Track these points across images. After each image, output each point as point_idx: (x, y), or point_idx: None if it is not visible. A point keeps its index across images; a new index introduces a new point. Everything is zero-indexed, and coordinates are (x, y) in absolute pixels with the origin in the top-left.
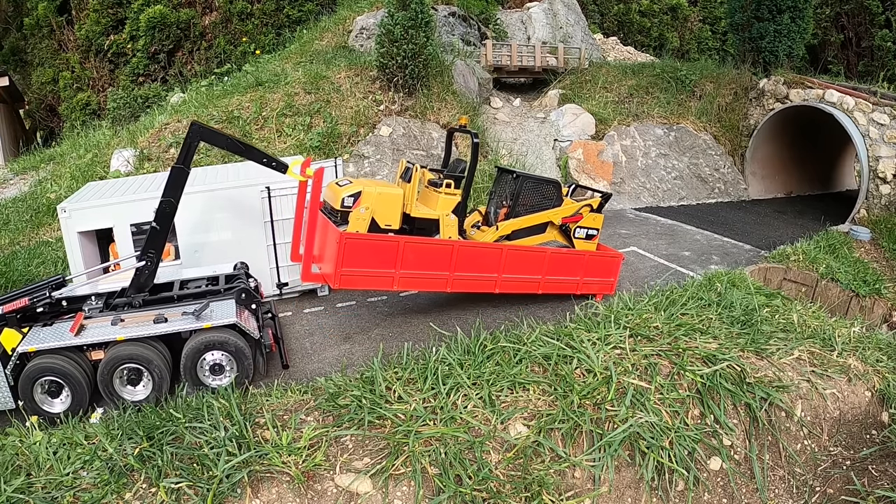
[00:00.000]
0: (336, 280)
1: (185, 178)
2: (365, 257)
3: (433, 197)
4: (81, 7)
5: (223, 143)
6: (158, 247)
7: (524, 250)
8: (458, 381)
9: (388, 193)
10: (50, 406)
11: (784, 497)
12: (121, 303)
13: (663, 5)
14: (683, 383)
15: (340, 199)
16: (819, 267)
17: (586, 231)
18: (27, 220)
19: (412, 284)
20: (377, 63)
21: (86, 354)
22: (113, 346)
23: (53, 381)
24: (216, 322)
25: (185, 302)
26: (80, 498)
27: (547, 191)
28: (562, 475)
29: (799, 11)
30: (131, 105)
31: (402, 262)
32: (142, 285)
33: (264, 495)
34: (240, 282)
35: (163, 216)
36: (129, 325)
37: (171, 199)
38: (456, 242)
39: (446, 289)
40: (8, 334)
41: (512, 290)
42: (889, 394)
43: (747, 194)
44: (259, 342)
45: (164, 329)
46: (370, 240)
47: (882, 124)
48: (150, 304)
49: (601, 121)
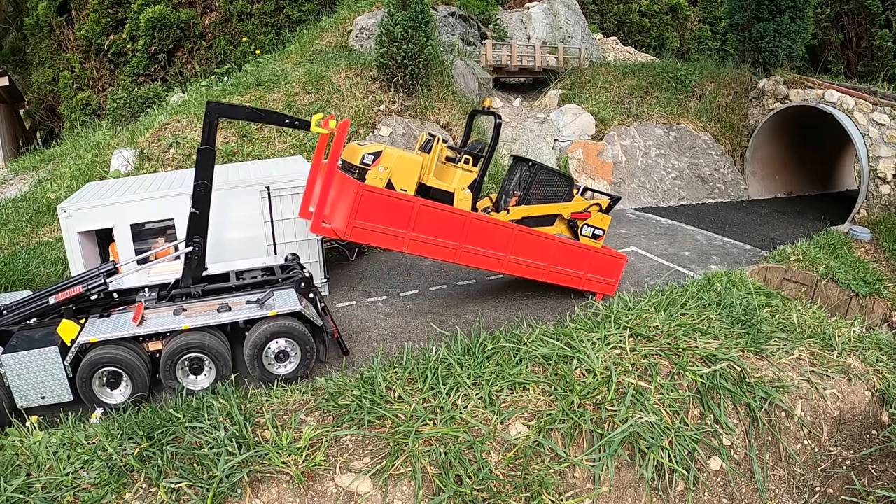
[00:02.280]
0: (347, 231)
1: (213, 158)
2: (379, 213)
3: (450, 172)
4: (81, 7)
5: (242, 115)
6: (202, 231)
7: (534, 234)
8: (458, 381)
9: (408, 157)
10: (109, 397)
11: (784, 497)
12: (178, 293)
13: (663, 5)
14: (683, 383)
15: (360, 156)
16: (819, 267)
17: (593, 230)
18: (27, 220)
19: (421, 249)
20: (377, 63)
21: (142, 345)
22: (175, 336)
23: (113, 371)
24: (281, 310)
25: (243, 292)
26: (80, 498)
27: (559, 184)
28: (562, 475)
29: (799, 11)
30: (131, 105)
31: (415, 225)
32: (194, 272)
33: (264, 495)
34: (296, 272)
35: (199, 199)
36: (192, 314)
37: (205, 180)
38: (469, 214)
39: (454, 259)
40: (66, 326)
41: (517, 272)
42: (889, 394)
43: (747, 194)
44: (321, 329)
45: (230, 318)
46: (386, 195)
47: (882, 124)
48: (209, 294)
49: (601, 121)
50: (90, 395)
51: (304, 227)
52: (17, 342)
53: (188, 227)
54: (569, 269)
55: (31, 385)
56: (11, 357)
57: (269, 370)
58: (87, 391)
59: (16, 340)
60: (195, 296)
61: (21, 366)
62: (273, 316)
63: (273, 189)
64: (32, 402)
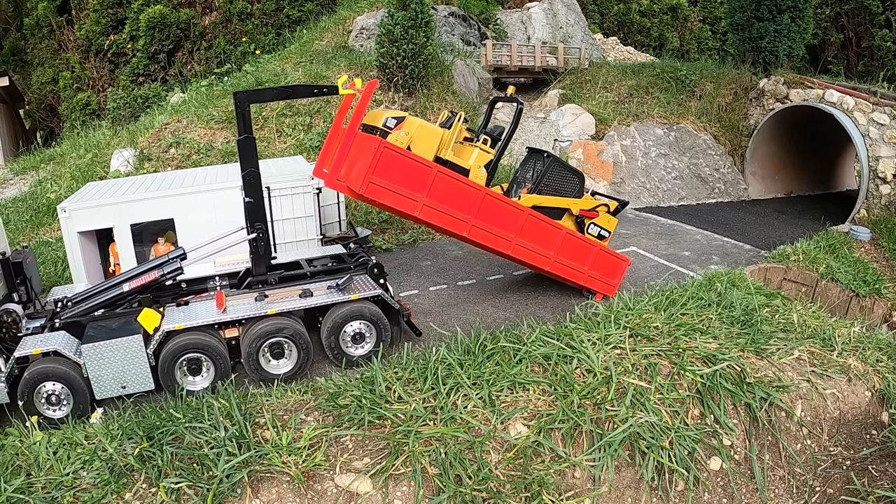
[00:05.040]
0: (363, 186)
1: (254, 145)
2: (396, 173)
3: (467, 150)
4: (81, 7)
5: (270, 96)
6: (261, 217)
7: (543, 221)
8: (458, 381)
9: (430, 127)
10: (192, 385)
11: (784, 497)
12: (254, 281)
13: (663, 5)
14: (683, 383)
15: (384, 119)
16: (819, 267)
17: (599, 230)
18: (27, 220)
19: (433, 217)
20: (377, 63)
21: (219, 333)
22: (257, 322)
23: (195, 358)
24: (363, 294)
25: (318, 278)
26: (80, 498)
27: (571, 180)
28: (562, 475)
29: (799, 11)
30: (131, 105)
31: (430, 191)
32: (264, 258)
33: (264, 495)
34: (365, 258)
35: (251, 186)
36: (274, 300)
37: (252, 168)
38: (484, 189)
39: (463, 232)
40: (147, 314)
41: (522, 257)
42: (889, 394)
43: (747, 194)
44: (396, 312)
45: (313, 302)
46: (406, 156)
47: (882, 124)
48: (285, 281)
49: (601, 121)
50: (172, 382)
51: (305, 227)
52: (95, 332)
53: (246, 216)
54: (573, 262)
55: (112, 375)
56: (92, 347)
57: (346, 351)
58: (170, 379)
59: (93, 331)
60: (272, 283)
61: (103, 356)
62: (355, 300)
63: (273, 189)
64: (112, 392)
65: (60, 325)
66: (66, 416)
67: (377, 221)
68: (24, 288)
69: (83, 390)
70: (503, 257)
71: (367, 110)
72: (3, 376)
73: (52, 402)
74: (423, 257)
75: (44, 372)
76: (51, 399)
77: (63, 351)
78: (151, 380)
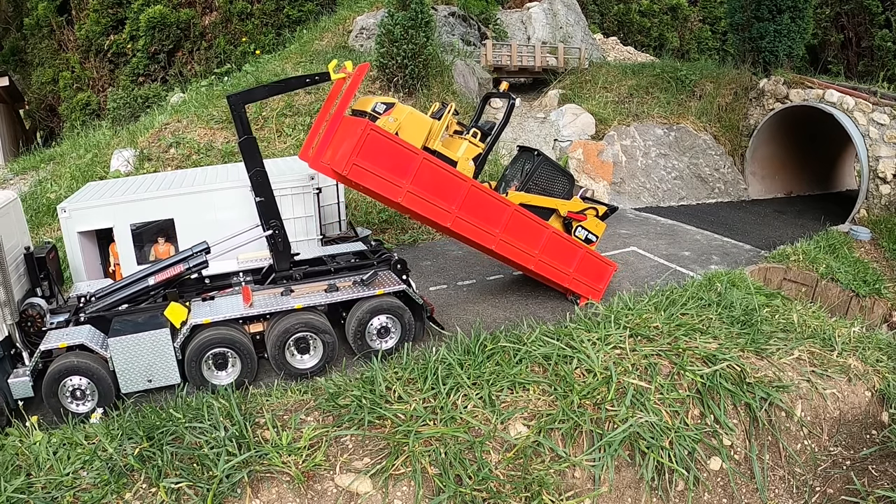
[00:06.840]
0: (346, 168)
1: (256, 144)
2: (382, 157)
3: (457, 142)
4: (81, 7)
5: (263, 95)
6: (275, 214)
7: (529, 218)
8: (458, 381)
9: (419, 116)
10: (218, 379)
11: (784, 497)
12: (279, 277)
13: (663, 5)
14: (683, 383)
15: (372, 104)
16: (819, 267)
17: (587, 233)
18: (27, 220)
19: (417, 204)
20: (377, 63)
21: (244, 328)
22: (282, 316)
23: (221, 353)
24: (388, 289)
25: (341, 274)
26: (80, 498)
27: (560, 180)
28: (562, 475)
29: (799, 11)
30: (131, 105)
31: (414, 178)
32: (284, 254)
33: (264, 495)
34: (388, 255)
35: (259, 186)
36: (300, 295)
37: (258, 167)
38: (470, 180)
39: (447, 223)
40: (174, 308)
41: (506, 253)
42: (889, 394)
43: (747, 194)
44: (420, 307)
45: (339, 297)
46: (392, 140)
47: (882, 124)
48: (309, 276)
49: (601, 121)
50: (198, 376)
51: (305, 227)
52: (122, 326)
53: (260, 215)
54: (557, 262)
55: (138, 369)
56: (119, 341)
57: (370, 345)
58: (196, 373)
59: (119, 325)
60: (297, 278)
61: (130, 349)
62: (381, 294)
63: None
64: (138, 386)
65: (86, 320)
66: (89, 411)
67: (377, 221)
68: (47, 282)
69: (108, 385)
70: (487, 253)
71: (355, 96)
72: (29, 370)
73: (77, 396)
74: (423, 257)
75: (69, 366)
76: (76, 393)
77: (90, 344)
78: (178, 374)
